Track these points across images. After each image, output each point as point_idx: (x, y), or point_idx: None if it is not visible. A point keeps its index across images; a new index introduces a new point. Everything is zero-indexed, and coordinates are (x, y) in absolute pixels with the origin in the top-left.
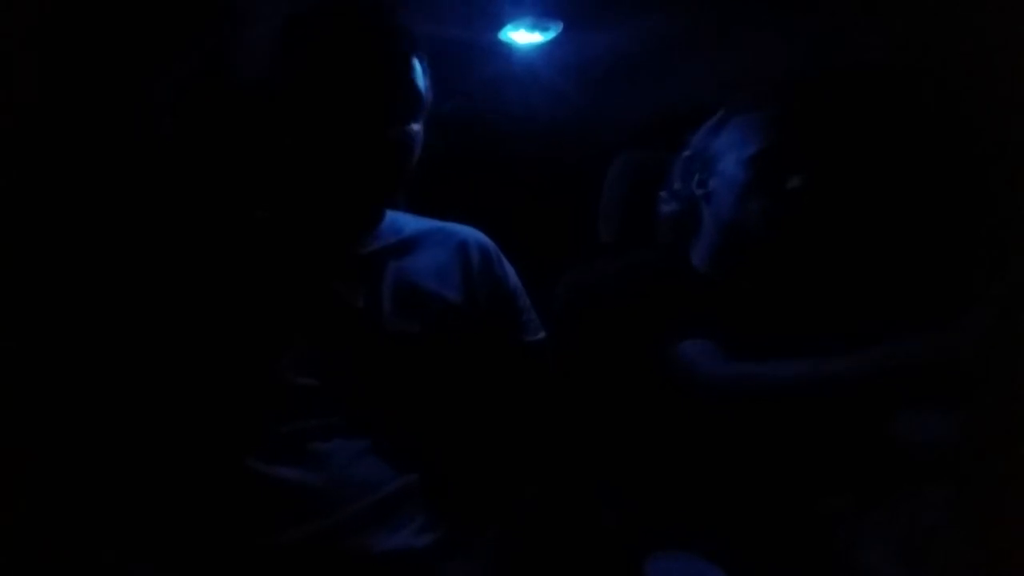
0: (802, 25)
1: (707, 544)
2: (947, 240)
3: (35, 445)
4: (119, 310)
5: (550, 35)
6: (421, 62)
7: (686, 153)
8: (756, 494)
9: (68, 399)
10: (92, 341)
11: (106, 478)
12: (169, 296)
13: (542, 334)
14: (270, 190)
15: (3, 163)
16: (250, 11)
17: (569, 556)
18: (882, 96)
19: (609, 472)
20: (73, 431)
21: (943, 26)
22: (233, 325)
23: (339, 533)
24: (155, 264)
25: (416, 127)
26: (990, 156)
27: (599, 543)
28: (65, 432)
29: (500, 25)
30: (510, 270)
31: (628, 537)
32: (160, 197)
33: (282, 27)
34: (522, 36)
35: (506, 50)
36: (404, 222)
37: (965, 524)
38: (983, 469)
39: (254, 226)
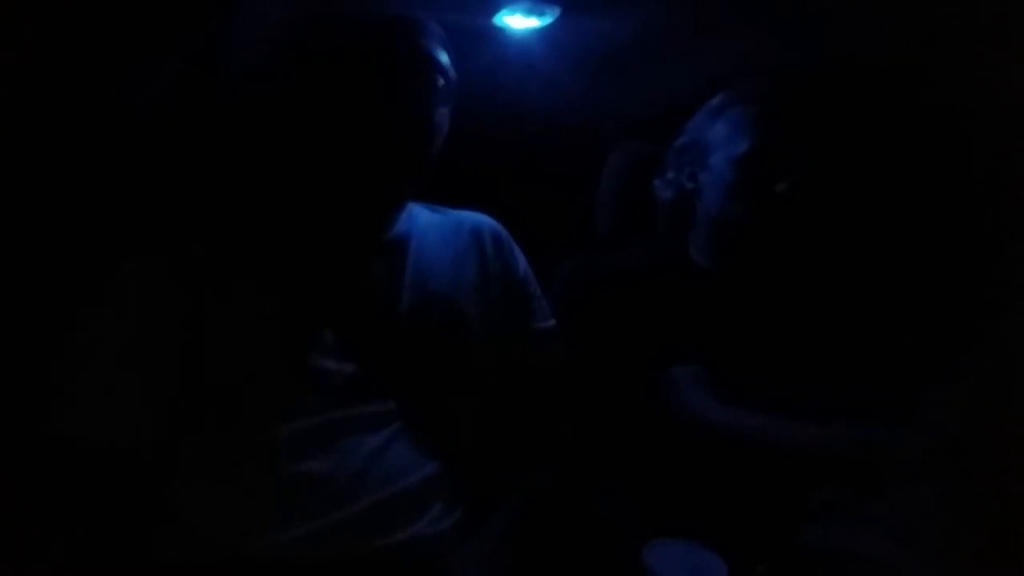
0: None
1: (706, 532)
2: (941, 245)
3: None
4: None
5: (547, 20)
6: (447, 51)
7: (681, 140)
8: (753, 483)
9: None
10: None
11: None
12: (190, 288)
13: (552, 321)
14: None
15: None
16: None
17: (572, 542)
18: (877, 96)
19: (610, 461)
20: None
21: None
22: (255, 316)
23: (356, 525)
24: (175, 256)
25: (444, 110)
26: (989, 160)
27: (600, 529)
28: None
29: (495, 9)
30: (521, 257)
31: (628, 523)
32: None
33: (313, 30)
34: (518, 21)
35: (501, 35)
36: (417, 212)
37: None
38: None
39: (275, 213)
